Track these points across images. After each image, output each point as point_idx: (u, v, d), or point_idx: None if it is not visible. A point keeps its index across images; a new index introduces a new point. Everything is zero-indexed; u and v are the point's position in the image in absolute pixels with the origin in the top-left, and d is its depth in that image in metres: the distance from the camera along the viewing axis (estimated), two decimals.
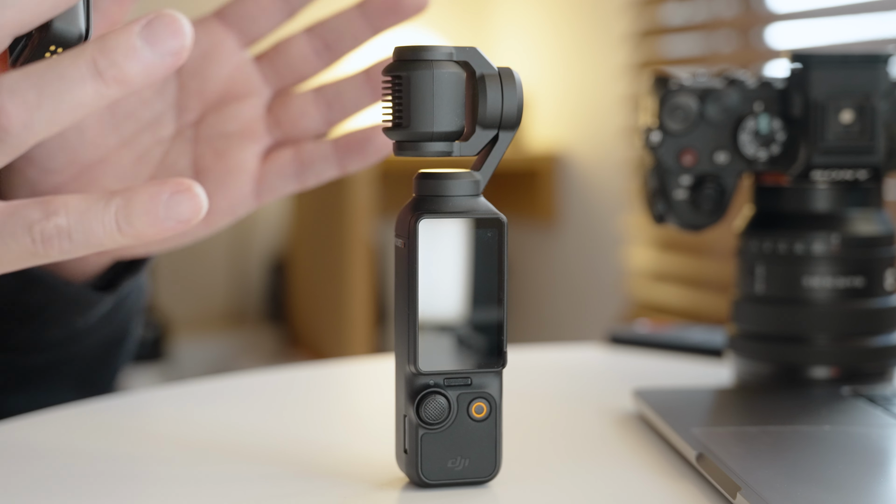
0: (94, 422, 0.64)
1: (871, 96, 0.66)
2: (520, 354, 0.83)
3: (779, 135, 0.68)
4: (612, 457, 0.58)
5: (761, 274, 0.68)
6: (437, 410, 0.50)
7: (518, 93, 0.51)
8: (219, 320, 2.62)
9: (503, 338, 0.51)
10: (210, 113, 0.63)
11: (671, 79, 0.69)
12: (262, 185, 0.63)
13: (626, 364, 0.82)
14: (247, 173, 0.62)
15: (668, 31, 2.19)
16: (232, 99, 0.63)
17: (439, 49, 0.50)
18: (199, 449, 0.59)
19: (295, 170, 0.63)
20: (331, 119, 0.64)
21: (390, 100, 0.50)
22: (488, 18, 2.75)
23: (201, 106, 0.63)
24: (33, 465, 0.56)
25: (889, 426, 0.59)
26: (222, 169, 0.62)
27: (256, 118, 0.63)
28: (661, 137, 0.69)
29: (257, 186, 0.63)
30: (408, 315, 0.50)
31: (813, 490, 0.48)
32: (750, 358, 0.69)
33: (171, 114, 0.63)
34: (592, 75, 2.39)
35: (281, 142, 0.64)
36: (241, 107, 0.63)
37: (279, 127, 0.63)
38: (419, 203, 0.50)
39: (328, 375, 0.82)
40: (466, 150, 0.51)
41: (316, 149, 0.63)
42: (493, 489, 0.52)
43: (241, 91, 0.63)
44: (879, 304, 0.68)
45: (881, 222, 0.68)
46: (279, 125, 0.63)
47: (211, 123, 0.63)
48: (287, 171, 0.63)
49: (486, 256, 0.50)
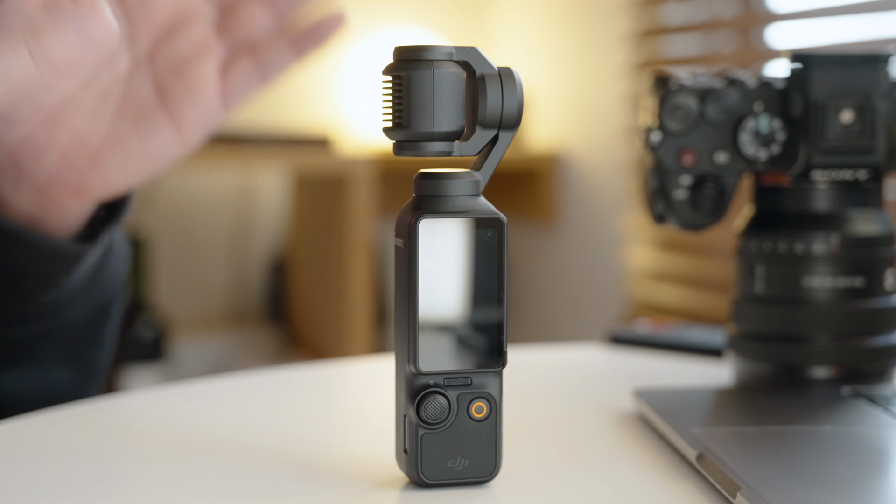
0: (94, 422, 0.64)
1: (872, 96, 0.66)
2: (520, 354, 0.83)
3: (779, 135, 0.68)
4: (612, 457, 0.58)
5: (761, 274, 0.68)
6: (437, 410, 0.50)
7: (518, 93, 0.51)
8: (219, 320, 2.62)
9: (503, 338, 0.51)
10: (162, 40, 0.65)
11: (671, 79, 0.69)
12: (227, 94, 0.65)
13: (626, 364, 0.82)
14: (209, 85, 0.65)
15: (668, 31, 2.19)
16: (180, 23, 0.65)
17: (439, 49, 0.50)
18: (199, 449, 0.58)
19: (255, 69, 0.66)
20: (281, 15, 0.67)
21: (390, 100, 0.50)
22: (488, 18, 2.75)
23: (152, 35, 0.65)
24: (33, 465, 0.56)
25: (889, 426, 0.59)
26: (185, 87, 0.65)
27: (207, 34, 0.66)
28: (661, 137, 0.69)
29: (223, 95, 0.65)
30: (408, 315, 0.50)
31: (813, 490, 0.48)
32: (750, 358, 0.69)
33: (125, 48, 0.65)
34: (592, 75, 2.39)
35: (236, 51, 0.66)
36: (191, 28, 0.65)
37: (231, 36, 0.66)
38: (419, 203, 0.50)
39: (328, 375, 0.82)
40: (466, 150, 0.51)
41: (269, 43, 0.66)
42: (493, 489, 0.52)
43: (187, 14, 0.65)
44: (879, 304, 0.68)
45: (881, 222, 0.68)
46: (231, 35, 0.66)
47: (165, 49, 0.65)
48: (247, 73, 0.65)
49: (486, 256, 0.50)
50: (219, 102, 0.65)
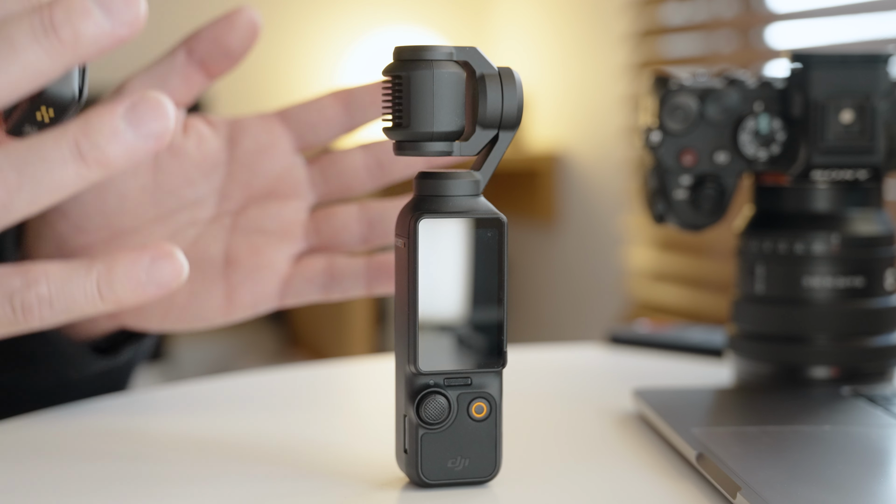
0: (94, 422, 0.64)
1: (871, 96, 0.66)
2: (520, 354, 0.83)
3: (779, 135, 0.68)
4: (612, 457, 0.58)
5: (761, 274, 0.68)
6: (437, 410, 0.50)
7: (518, 93, 0.51)
8: None
9: (503, 338, 0.51)
10: (252, 206, 0.63)
11: (671, 79, 0.69)
12: (288, 288, 0.62)
13: (626, 364, 0.82)
14: (276, 273, 0.62)
15: (668, 31, 2.19)
16: (277, 197, 0.63)
17: (439, 49, 0.50)
18: (199, 449, 0.58)
19: (324, 281, 0.62)
20: (370, 238, 0.63)
21: (390, 100, 0.50)
22: (488, 18, 2.75)
23: (245, 197, 0.63)
24: (33, 465, 0.56)
25: (889, 426, 0.59)
26: (253, 264, 0.62)
27: (297, 221, 0.63)
28: (661, 137, 0.69)
29: (283, 288, 0.62)
30: (408, 315, 0.50)
31: (813, 490, 0.48)
32: (750, 358, 0.69)
33: (214, 199, 0.63)
34: (592, 75, 2.39)
35: (316, 248, 0.64)
36: (284, 207, 0.63)
37: (318, 234, 0.63)
38: (419, 203, 0.50)
39: (328, 375, 0.82)
40: (466, 150, 0.51)
41: (348, 265, 0.62)
42: (493, 489, 0.52)
43: (287, 191, 0.63)
44: (879, 304, 0.68)
45: (881, 222, 0.68)
46: (318, 233, 0.63)
47: (251, 217, 0.63)
48: (316, 279, 0.62)
49: (486, 256, 0.50)
50: (277, 293, 0.62)
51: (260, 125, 0.63)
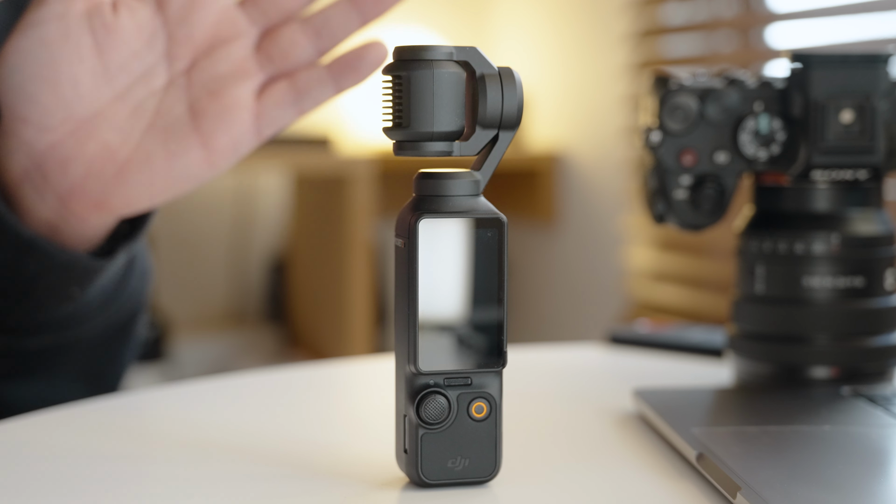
0: (94, 422, 0.64)
1: (871, 96, 0.66)
2: (520, 354, 0.83)
3: (779, 135, 0.68)
4: (612, 457, 0.58)
5: (761, 274, 0.68)
6: (437, 410, 0.50)
7: (518, 93, 0.51)
8: (219, 320, 2.62)
9: (503, 338, 0.51)
10: (201, 59, 0.64)
11: (671, 79, 0.69)
12: (261, 120, 0.64)
13: (626, 364, 0.82)
14: (244, 109, 0.63)
15: (668, 31, 2.19)
16: (220, 43, 0.64)
17: (439, 49, 0.50)
18: (199, 449, 0.58)
19: (292, 98, 0.64)
20: (321, 47, 0.65)
21: (390, 100, 0.50)
22: (488, 18, 2.75)
23: (191, 53, 0.64)
24: (33, 465, 0.56)
25: (889, 426, 0.59)
26: (219, 108, 0.63)
27: (247, 57, 0.64)
28: (661, 137, 0.69)
29: (256, 121, 0.64)
30: (408, 315, 0.50)
31: (813, 490, 0.48)
32: (750, 358, 0.69)
33: (163, 64, 0.64)
34: (592, 75, 2.39)
35: (275, 76, 0.65)
36: (231, 48, 0.64)
37: (271, 61, 0.65)
38: (419, 203, 0.50)
39: (328, 375, 0.82)
40: (466, 150, 0.51)
41: (310, 74, 0.64)
42: (493, 489, 0.52)
43: (228, 34, 0.64)
44: (879, 304, 0.68)
45: (881, 222, 0.68)
46: (271, 60, 0.64)
47: (203, 68, 0.64)
48: (284, 100, 0.64)
49: (486, 256, 0.50)
50: (252, 127, 0.64)
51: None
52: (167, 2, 0.64)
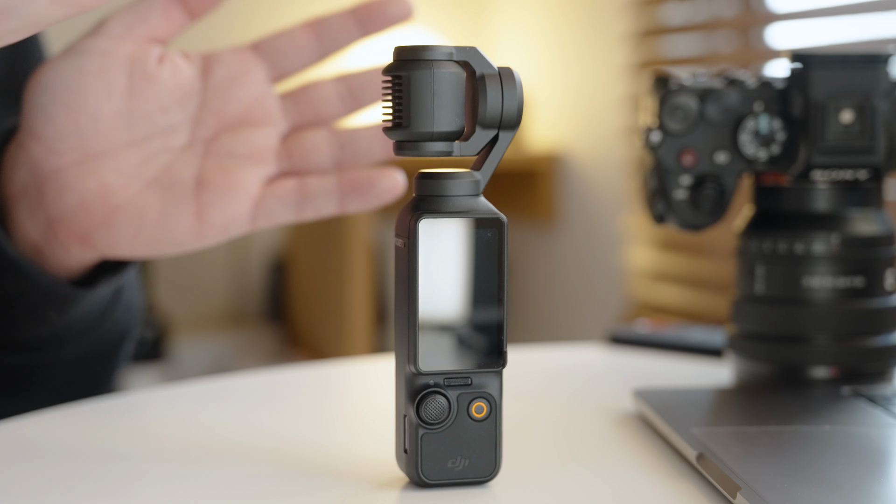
0: (94, 422, 0.64)
1: (871, 96, 0.66)
2: (520, 354, 0.83)
3: (779, 135, 0.68)
4: (612, 457, 0.58)
5: (761, 274, 0.68)
6: (437, 410, 0.50)
7: (518, 93, 0.51)
8: (219, 320, 2.62)
9: (503, 338, 0.51)
10: (224, 133, 0.64)
11: (671, 79, 0.69)
12: (259, 209, 0.63)
13: (626, 364, 0.82)
14: (247, 193, 0.63)
15: (668, 31, 2.19)
16: (249, 125, 0.64)
17: (439, 49, 0.50)
18: (199, 449, 0.58)
19: (295, 199, 0.63)
20: (341, 159, 0.64)
21: (390, 99, 0.50)
22: (488, 18, 2.75)
23: (218, 125, 0.64)
24: (33, 465, 0.56)
25: (889, 426, 0.59)
26: (223, 184, 0.63)
27: (268, 146, 0.64)
28: (661, 137, 0.69)
29: (255, 209, 0.63)
30: (408, 315, 0.50)
31: (813, 490, 0.48)
32: (750, 358, 0.69)
33: (187, 126, 0.64)
34: (592, 75, 2.39)
35: (288, 172, 0.64)
36: (256, 133, 0.64)
37: (289, 158, 0.64)
38: (419, 203, 0.50)
39: (328, 375, 0.82)
40: (466, 150, 0.51)
41: (319, 182, 0.64)
42: (493, 489, 0.52)
43: (259, 119, 0.64)
44: (879, 304, 0.68)
45: (881, 222, 0.68)
46: (289, 156, 0.64)
47: (223, 143, 0.64)
48: (287, 198, 0.63)
49: (486, 256, 0.50)
50: (249, 213, 0.63)
51: (233, 55, 0.64)
52: (212, 70, 0.64)
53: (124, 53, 0.62)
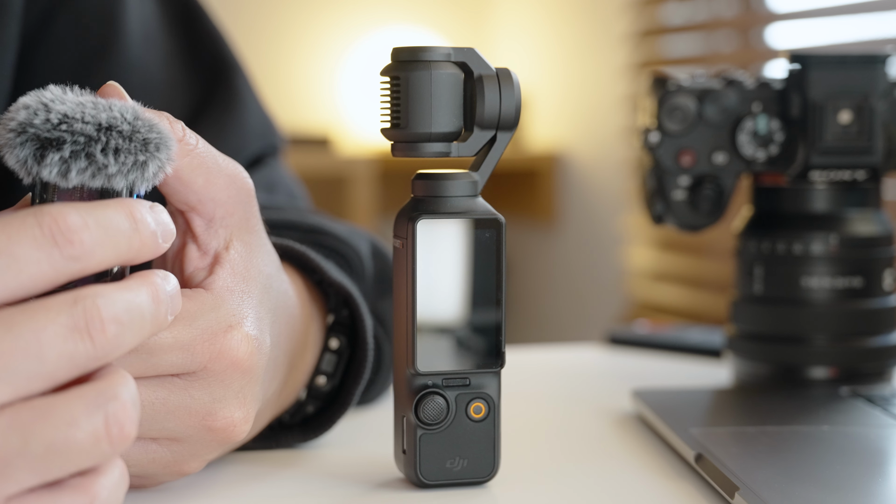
0: None
1: (870, 97, 0.66)
2: (519, 355, 0.83)
3: (777, 135, 0.68)
4: (611, 457, 0.58)
5: (760, 274, 0.69)
6: (436, 411, 0.50)
7: (516, 93, 0.51)
8: None
9: (501, 338, 0.51)
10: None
11: (669, 79, 0.69)
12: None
13: (626, 364, 0.82)
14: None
15: (668, 31, 2.19)
16: None
17: (437, 50, 0.50)
18: None
19: None
20: None
21: (388, 100, 0.50)
22: (488, 18, 2.75)
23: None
24: None
25: (888, 426, 0.59)
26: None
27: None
28: (659, 138, 0.69)
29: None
30: (406, 316, 0.50)
31: (811, 490, 0.49)
32: (748, 358, 0.69)
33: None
34: (592, 75, 2.39)
35: None
36: None
37: None
38: (417, 204, 0.50)
39: None
40: (464, 151, 0.51)
41: None
42: (492, 489, 0.52)
43: None
44: (878, 304, 0.68)
45: (880, 222, 0.68)
46: None
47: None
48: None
49: (484, 257, 0.50)
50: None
51: None
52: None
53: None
